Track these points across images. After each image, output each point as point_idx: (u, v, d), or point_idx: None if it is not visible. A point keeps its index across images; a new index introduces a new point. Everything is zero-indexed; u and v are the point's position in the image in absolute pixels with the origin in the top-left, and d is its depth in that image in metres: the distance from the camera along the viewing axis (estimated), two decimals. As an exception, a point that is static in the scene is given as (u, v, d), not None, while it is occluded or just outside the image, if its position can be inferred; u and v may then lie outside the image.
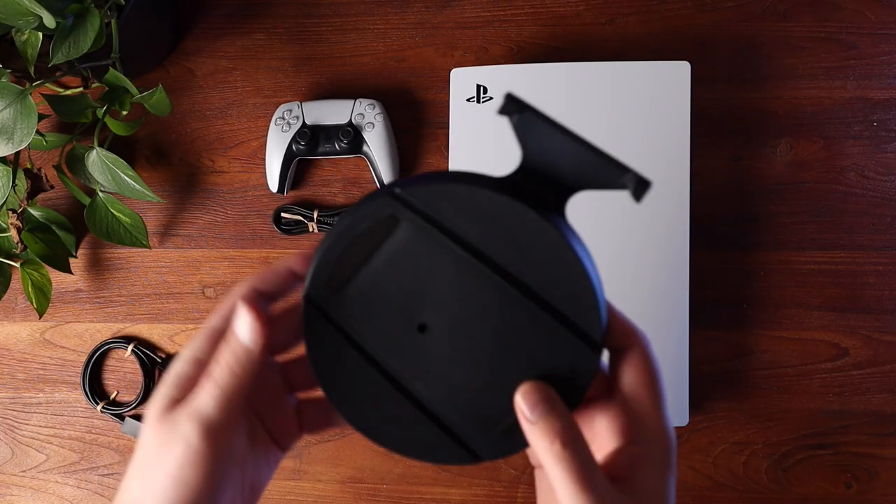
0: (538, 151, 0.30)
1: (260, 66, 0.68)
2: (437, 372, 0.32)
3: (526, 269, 0.30)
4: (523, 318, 0.31)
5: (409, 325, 0.31)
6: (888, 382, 0.62)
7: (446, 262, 0.31)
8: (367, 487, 0.65)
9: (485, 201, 0.30)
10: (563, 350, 0.31)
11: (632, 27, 0.66)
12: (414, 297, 0.31)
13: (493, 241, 0.30)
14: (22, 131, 0.53)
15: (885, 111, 0.63)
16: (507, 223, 0.30)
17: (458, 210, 0.30)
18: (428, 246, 0.31)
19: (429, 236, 0.31)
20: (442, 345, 0.31)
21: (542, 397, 0.30)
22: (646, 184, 0.29)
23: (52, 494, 0.67)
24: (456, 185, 0.30)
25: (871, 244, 0.63)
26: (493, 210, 0.30)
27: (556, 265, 0.30)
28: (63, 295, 0.68)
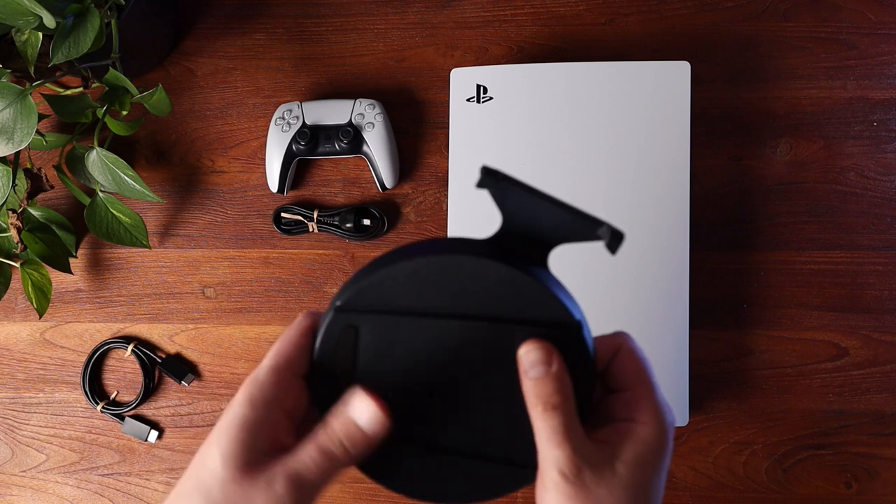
0: (516, 215, 0.32)
1: (260, 66, 0.68)
2: (459, 421, 0.33)
3: (506, 310, 0.32)
4: (512, 344, 0.32)
5: (418, 397, 0.33)
6: (888, 382, 0.62)
7: (424, 334, 0.32)
8: (367, 487, 0.65)
9: (461, 266, 0.32)
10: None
11: (632, 27, 0.66)
12: (412, 374, 0.33)
13: (467, 298, 0.32)
14: (22, 131, 0.53)
15: (885, 111, 0.63)
16: (486, 282, 0.32)
17: (413, 285, 0.32)
18: (398, 332, 0.32)
19: (392, 325, 0.32)
20: (453, 399, 0.33)
21: (542, 357, 0.31)
22: (619, 236, 0.31)
23: (52, 494, 0.67)
24: (412, 262, 0.32)
25: (871, 244, 0.63)
26: (471, 273, 0.32)
27: (537, 306, 0.32)
28: (63, 295, 0.68)
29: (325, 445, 0.31)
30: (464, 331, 0.32)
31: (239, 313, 0.67)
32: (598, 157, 0.61)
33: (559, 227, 0.32)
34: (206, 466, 0.30)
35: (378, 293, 0.32)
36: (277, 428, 0.31)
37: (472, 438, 0.33)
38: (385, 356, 0.33)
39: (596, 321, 0.60)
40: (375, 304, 0.32)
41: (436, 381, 0.33)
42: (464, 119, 0.62)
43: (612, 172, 0.61)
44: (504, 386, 0.32)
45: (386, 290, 0.32)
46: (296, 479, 0.30)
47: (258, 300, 0.66)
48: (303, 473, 0.30)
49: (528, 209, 0.32)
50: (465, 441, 0.33)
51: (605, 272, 0.60)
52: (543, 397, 0.31)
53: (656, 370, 0.60)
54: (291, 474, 0.30)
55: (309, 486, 0.30)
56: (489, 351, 0.32)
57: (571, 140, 0.61)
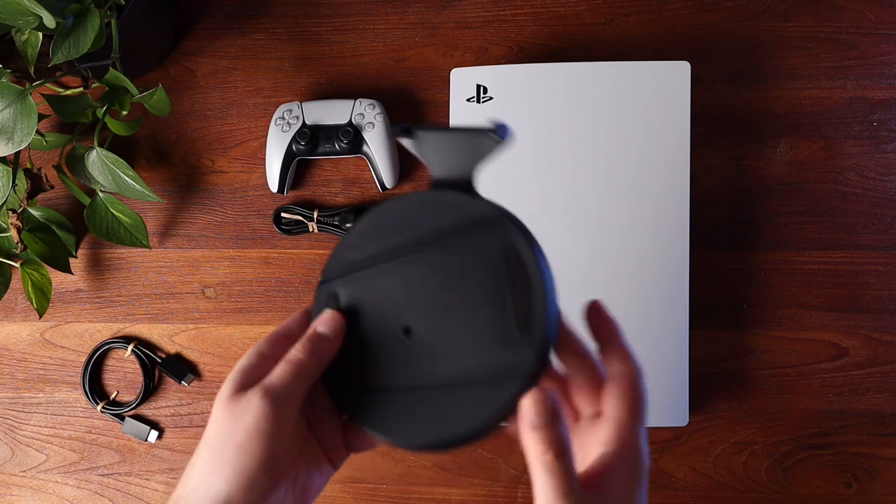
0: (433, 158, 0.37)
1: (260, 66, 0.68)
2: (438, 351, 0.35)
3: (448, 225, 0.36)
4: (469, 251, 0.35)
5: (395, 336, 0.36)
6: (888, 382, 0.62)
7: (389, 276, 0.36)
8: (366, 487, 0.65)
9: (399, 210, 0.37)
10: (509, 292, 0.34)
11: (632, 27, 0.66)
12: (388, 315, 0.36)
13: (414, 233, 0.36)
14: (22, 131, 0.53)
15: (885, 111, 0.63)
16: (426, 213, 0.36)
17: (367, 239, 0.37)
18: (367, 283, 0.37)
19: (360, 279, 0.37)
20: (431, 327, 0.35)
21: (548, 407, 0.32)
22: (502, 127, 0.35)
23: (52, 494, 0.67)
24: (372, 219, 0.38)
25: (871, 244, 0.63)
26: (409, 212, 0.37)
27: (473, 211, 0.36)
28: (63, 295, 0.68)
29: (290, 356, 0.36)
30: (420, 260, 0.36)
31: (239, 313, 0.67)
32: (598, 157, 0.61)
33: (465, 149, 0.36)
34: (210, 417, 0.36)
35: (345, 257, 0.38)
36: (267, 371, 0.36)
37: (451, 366, 0.34)
38: (362, 307, 0.37)
39: (596, 321, 0.60)
40: (345, 267, 0.38)
41: (410, 315, 0.36)
42: (464, 119, 0.62)
43: (612, 172, 0.61)
44: (474, 295, 0.34)
45: (350, 252, 0.38)
46: (268, 389, 0.34)
47: (258, 300, 0.66)
48: (274, 383, 0.35)
49: (438, 148, 0.37)
50: (445, 371, 0.35)
51: (606, 272, 0.60)
52: (553, 444, 0.32)
53: (656, 370, 0.60)
54: (265, 386, 0.34)
55: (281, 394, 0.34)
56: (450, 268, 0.35)
57: (571, 140, 0.61)
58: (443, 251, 0.35)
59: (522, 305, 0.33)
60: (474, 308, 0.34)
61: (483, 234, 0.35)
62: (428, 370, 0.35)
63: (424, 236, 0.36)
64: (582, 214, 0.61)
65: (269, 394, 0.34)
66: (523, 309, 0.33)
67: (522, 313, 0.33)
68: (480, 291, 0.34)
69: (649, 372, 0.60)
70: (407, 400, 0.35)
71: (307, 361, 0.36)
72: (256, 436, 0.33)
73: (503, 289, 0.34)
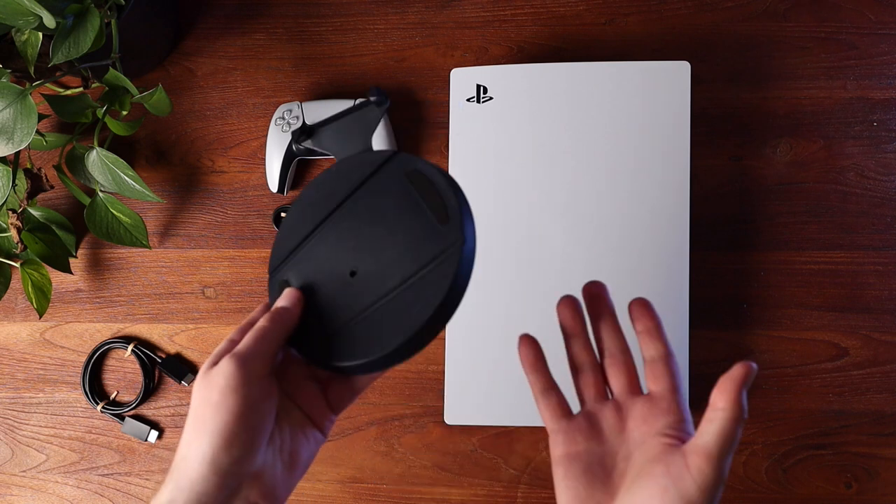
0: (333, 145, 0.47)
1: (260, 66, 0.68)
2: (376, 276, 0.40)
3: (364, 174, 0.42)
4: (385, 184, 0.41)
5: (343, 280, 0.41)
6: (888, 382, 0.62)
7: (324, 241, 0.42)
8: (366, 487, 0.65)
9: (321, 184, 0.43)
10: None
11: (632, 27, 0.66)
12: (335, 271, 0.41)
13: (332, 195, 0.42)
14: (22, 131, 0.53)
15: (885, 111, 0.63)
16: (340, 176, 0.42)
17: (299, 223, 0.43)
18: (308, 258, 0.42)
19: (302, 256, 0.43)
20: (372, 264, 0.40)
21: (530, 352, 0.44)
22: (377, 90, 0.43)
23: (52, 494, 0.67)
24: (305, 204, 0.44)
25: (871, 244, 0.63)
26: (330, 178, 0.43)
27: (373, 157, 0.43)
28: (63, 295, 0.68)
29: (256, 326, 0.40)
30: (343, 217, 0.41)
31: (239, 313, 0.67)
32: (598, 157, 0.61)
33: (360, 125, 0.45)
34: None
35: (282, 247, 0.43)
36: None
37: (397, 279, 0.39)
38: (312, 276, 0.42)
39: (596, 321, 0.60)
40: (285, 254, 0.43)
41: (353, 260, 0.41)
42: (464, 119, 0.62)
43: (612, 172, 0.61)
44: (397, 219, 0.40)
45: (285, 241, 0.43)
46: (235, 353, 0.38)
47: (258, 300, 0.66)
48: (242, 351, 0.38)
49: (335, 137, 0.47)
50: (393, 284, 0.39)
51: (606, 272, 0.60)
52: (534, 381, 0.44)
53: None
54: (235, 353, 0.38)
55: (246, 354, 0.38)
56: (370, 209, 0.40)
57: (571, 140, 0.61)
58: (358, 201, 0.41)
59: (437, 204, 0.39)
60: (401, 228, 0.39)
61: (383, 172, 0.41)
62: (377, 291, 0.39)
63: (340, 198, 0.41)
64: (582, 214, 0.61)
65: (236, 356, 0.38)
66: (439, 207, 0.39)
67: (439, 210, 0.39)
68: (400, 213, 0.40)
69: (649, 372, 0.60)
70: (366, 322, 0.39)
71: (269, 327, 0.40)
72: (229, 393, 0.37)
73: (418, 203, 0.39)
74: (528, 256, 0.60)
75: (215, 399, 0.37)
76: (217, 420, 0.36)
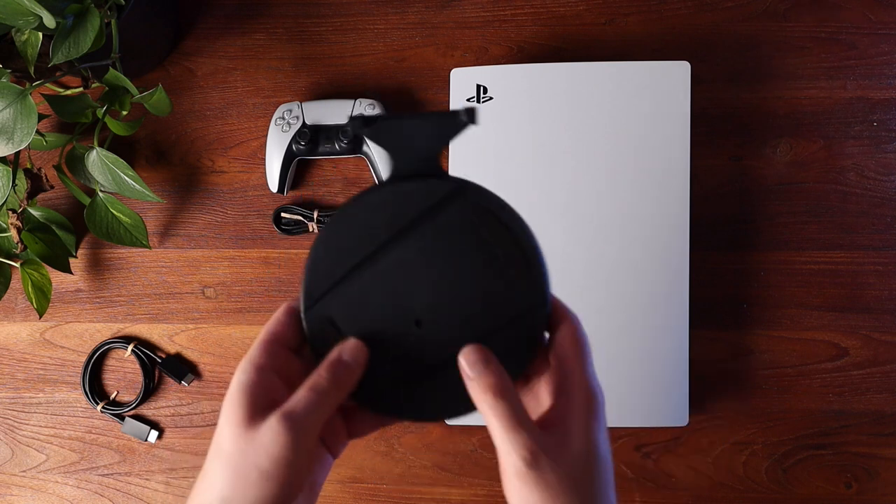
0: (396, 145, 0.36)
1: (260, 66, 0.68)
2: (449, 330, 0.36)
3: (426, 205, 0.36)
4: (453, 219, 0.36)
5: (408, 329, 0.36)
6: (888, 382, 0.62)
7: (381, 276, 0.36)
8: (366, 487, 0.65)
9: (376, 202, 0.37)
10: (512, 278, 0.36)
11: (632, 27, 0.66)
12: (396, 313, 0.36)
13: (391, 223, 0.36)
14: (22, 131, 0.53)
15: (885, 111, 0.63)
16: (402, 200, 0.36)
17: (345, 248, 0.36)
18: (360, 289, 0.36)
19: (352, 287, 0.36)
20: (440, 310, 0.36)
21: (479, 357, 0.34)
22: (471, 111, 0.35)
23: (52, 494, 0.67)
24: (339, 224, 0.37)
25: (871, 244, 0.63)
26: (386, 201, 0.36)
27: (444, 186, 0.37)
28: (63, 295, 0.68)
29: (312, 381, 0.35)
30: (402, 253, 0.36)
31: (239, 313, 0.67)
32: (598, 156, 0.61)
33: (432, 134, 0.36)
34: (219, 434, 0.35)
35: (325, 268, 0.36)
36: (273, 388, 0.35)
37: (469, 336, 0.36)
38: (365, 315, 0.36)
39: (596, 321, 0.60)
40: (329, 282, 0.36)
41: (417, 306, 0.36)
42: (464, 119, 0.62)
43: (612, 172, 0.61)
44: (466, 264, 0.36)
45: (326, 259, 0.36)
46: (289, 416, 0.33)
47: (258, 300, 0.66)
48: (295, 410, 0.34)
49: (402, 135, 0.36)
50: (457, 343, 0.35)
51: (606, 272, 0.60)
52: (490, 386, 0.34)
53: (656, 370, 0.60)
54: (286, 412, 0.33)
55: (303, 421, 0.34)
56: (434, 249, 0.36)
57: (571, 140, 0.61)
58: (420, 235, 0.36)
59: (512, 255, 0.36)
60: (472, 277, 0.36)
61: (451, 205, 0.36)
62: (448, 348, 0.35)
63: (398, 227, 0.36)
64: (582, 214, 0.61)
65: (294, 424, 0.33)
66: (515, 259, 0.36)
67: (516, 263, 0.36)
68: (471, 259, 0.36)
69: (649, 372, 0.60)
70: (439, 380, 0.36)
71: (330, 391, 0.35)
72: (282, 465, 0.33)
73: (491, 249, 0.36)
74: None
75: (265, 467, 0.33)
76: (265, 489, 0.33)
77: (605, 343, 0.59)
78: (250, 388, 0.35)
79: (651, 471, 0.63)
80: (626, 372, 0.59)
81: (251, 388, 0.35)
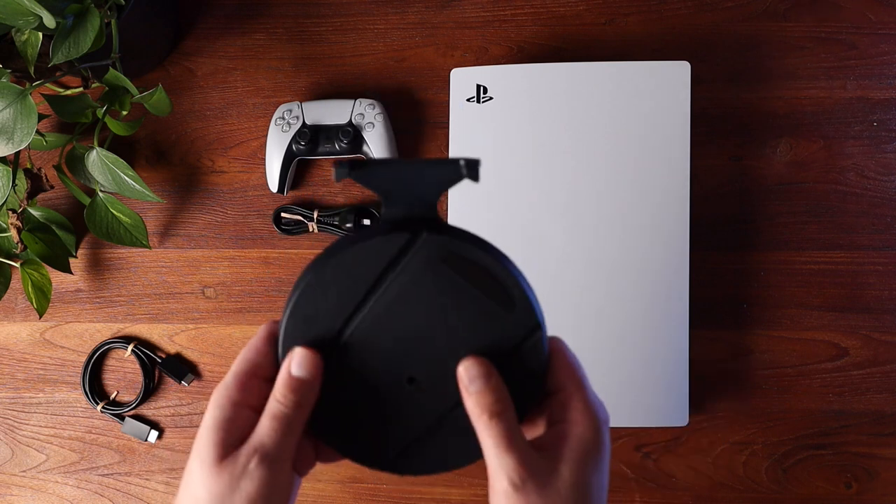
0: (388, 189, 0.34)
1: (260, 66, 0.68)
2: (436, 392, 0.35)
3: None
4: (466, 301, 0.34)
5: (399, 384, 0.35)
6: (888, 382, 0.62)
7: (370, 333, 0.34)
8: (366, 487, 0.65)
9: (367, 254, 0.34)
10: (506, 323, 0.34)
11: (632, 27, 0.66)
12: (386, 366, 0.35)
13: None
14: (22, 131, 0.53)
15: (885, 111, 0.63)
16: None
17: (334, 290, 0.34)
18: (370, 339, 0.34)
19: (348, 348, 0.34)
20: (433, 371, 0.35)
21: (480, 372, 0.33)
22: (475, 164, 0.32)
23: (52, 494, 0.67)
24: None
25: (871, 244, 0.63)
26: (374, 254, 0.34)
27: None
28: (63, 295, 0.68)
29: (272, 409, 0.33)
30: (378, 304, 0.34)
31: (239, 313, 0.67)
32: (598, 157, 0.61)
33: (428, 183, 0.33)
34: (190, 474, 0.33)
35: (301, 336, 0.34)
36: (247, 424, 0.34)
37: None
38: (354, 378, 0.35)
39: (596, 321, 0.60)
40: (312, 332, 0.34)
41: (407, 364, 0.34)
42: (464, 119, 0.62)
43: (612, 172, 0.61)
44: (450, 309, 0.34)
45: (300, 329, 0.34)
46: (259, 450, 0.32)
47: (258, 300, 0.66)
48: (264, 443, 0.33)
49: (394, 180, 0.33)
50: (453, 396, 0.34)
51: (606, 272, 0.60)
52: (487, 407, 0.33)
53: (656, 370, 0.60)
54: (255, 447, 0.33)
55: (274, 454, 0.33)
56: (410, 299, 0.34)
57: (571, 140, 0.61)
58: (391, 290, 0.34)
59: (492, 289, 0.33)
60: (455, 325, 0.34)
61: (412, 256, 0.33)
62: (444, 401, 0.35)
63: (366, 286, 0.34)
64: (582, 214, 0.61)
65: (266, 458, 0.33)
66: (496, 292, 0.33)
67: (498, 296, 0.33)
68: (449, 304, 0.34)
69: (649, 372, 0.60)
70: (437, 435, 0.35)
71: (293, 416, 0.33)
72: (261, 501, 0.32)
73: (468, 290, 0.34)
74: (528, 256, 0.60)
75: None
76: None
77: (605, 343, 0.59)
78: (224, 425, 0.33)
79: (651, 471, 0.63)
80: (626, 372, 0.59)
81: (224, 425, 0.33)
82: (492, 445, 0.32)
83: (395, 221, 0.34)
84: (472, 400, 0.33)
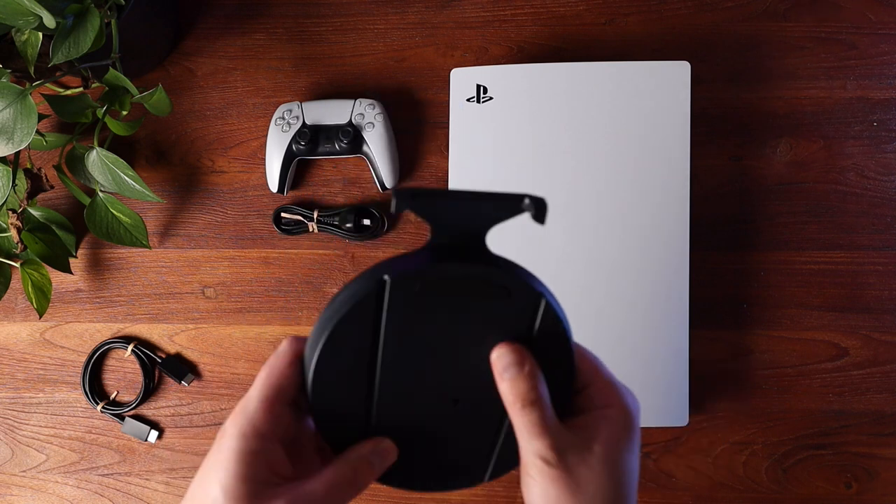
0: (443, 219, 0.32)
1: (260, 66, 0.68)
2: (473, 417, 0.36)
3: None
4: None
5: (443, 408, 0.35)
6: (888, 382, 0.62)
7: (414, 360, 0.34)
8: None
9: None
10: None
11: (632, 27, 0.66)
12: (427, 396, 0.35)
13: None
14: (22, 131, 0.53)
15: (885, 111, 0.63)
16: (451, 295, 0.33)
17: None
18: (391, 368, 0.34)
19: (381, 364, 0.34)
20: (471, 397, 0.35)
21: (514, 360, 0.33)
22: (542, 203, 0.31)
23: (52, 494, 0.67)
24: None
25: (871, 244, 0.63)
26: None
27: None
28: (63, 295, 0.68)
29: (335, 477, 0.32)
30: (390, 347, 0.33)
31: (239, 313, 0.67)
32: (598, 157, 0.61)
33: (485, 213, 0.32)
34: (212, 500, 0.31)
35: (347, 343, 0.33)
36: (274, 457, 0.32)
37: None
38: (412, 420, 0.35)
39: (596, 321, 0.60)
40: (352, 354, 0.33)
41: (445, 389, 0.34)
42: (464, 119, 0.62)
43: (612, 172, 0.61)
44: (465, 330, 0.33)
45: (337, 395, 0.34)
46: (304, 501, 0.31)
47: (258, 300, 0.66)
48: (311, 501, 0.31)
49: (453, 210, 0.32)
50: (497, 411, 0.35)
51: (606, 272, 0.60)
52: (520, 395, 0.33)
53: (656, 370, 0.60)
54: (298, 500, 0.31)
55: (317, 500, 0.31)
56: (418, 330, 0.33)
57: (571, 140, 0.61)
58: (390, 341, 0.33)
59: (482, 290, 0.32)
60: (467, 333, 0.33)
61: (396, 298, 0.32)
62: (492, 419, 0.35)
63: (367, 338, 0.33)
64: (582, 214, 0.61)
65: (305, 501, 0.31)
66: (486, 290, 0.32)
67: (489, 292, 0.32)
68: (454, 320, 0.33)
69: (649, 372, 0.60)
70: (497, 439, 0.36)
71: (350, 490, 0.33)
72: None
73: (462, 301, 0.33)
74: (527, 256, 0.60)
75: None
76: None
77: (605, 343, 0.59)
78: (252, 459, 0.31)
79: (651, 471, 0.63)
80: (626, 372, 0.59)
81: (253, 459, 0.31)
82: (525, 431, 0.33)
83: (440, 248, 0.33)
84: (506, 386, 0.33)
